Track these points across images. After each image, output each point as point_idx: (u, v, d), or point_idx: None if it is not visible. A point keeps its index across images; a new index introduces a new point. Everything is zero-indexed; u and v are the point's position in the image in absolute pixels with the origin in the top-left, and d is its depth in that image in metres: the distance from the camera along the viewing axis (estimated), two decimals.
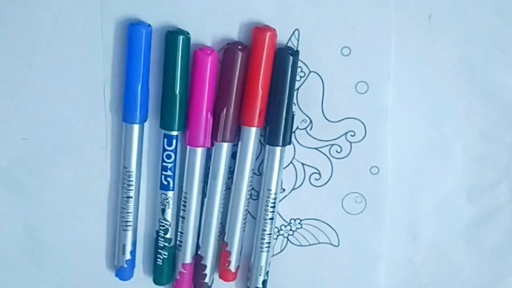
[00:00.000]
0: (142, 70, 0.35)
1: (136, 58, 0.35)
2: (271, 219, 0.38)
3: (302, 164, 0.39)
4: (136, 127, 0.36)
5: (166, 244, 0.38)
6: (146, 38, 0.35)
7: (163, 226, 0.38)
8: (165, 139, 0.36)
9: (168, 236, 0.38)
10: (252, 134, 0.36)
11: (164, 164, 0.37)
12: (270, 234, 0.39)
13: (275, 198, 0.38)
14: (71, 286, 0.40)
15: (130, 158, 0.36)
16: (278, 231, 0.40)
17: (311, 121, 0.38)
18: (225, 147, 0.36)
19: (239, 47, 0.35)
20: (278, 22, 0.36)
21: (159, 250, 0.38)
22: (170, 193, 0.37)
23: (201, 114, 0.35)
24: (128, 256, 0.38)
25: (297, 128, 0.38)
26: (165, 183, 0.37)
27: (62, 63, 0.36)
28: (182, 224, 0.38)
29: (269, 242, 0.39)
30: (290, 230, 0.40)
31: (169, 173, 0.37)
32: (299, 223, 0.40)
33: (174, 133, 0.36)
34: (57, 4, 0.35)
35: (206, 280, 0.39)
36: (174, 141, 0.36)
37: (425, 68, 0.37)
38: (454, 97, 0.38)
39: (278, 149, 0.37)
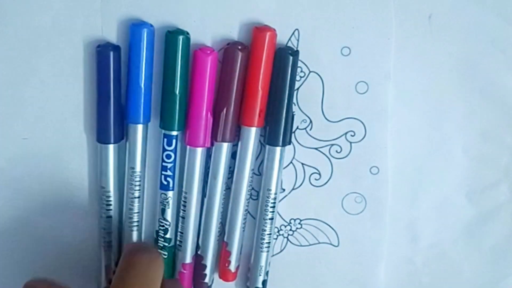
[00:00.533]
0: (145, 70, 0.35)
1: (139, 58, 0.35)
2: (271, 219, 0.38)
3: (302, 164, 0.39)
4: (140, 127, 0.36)
5: (166, 244, 0.38)
6: (149, 37, 0.35)
7: (163, 226, 0.38)
8: (165, 139, 0.36)
9: (168, 236, 0.38)
10: (252, 134, 0.36)
11: (164, 164, 0.37)
12: (270, 234, 0.39)
13: (275, 198, 0.38)
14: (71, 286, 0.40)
15: (135, 159, 0.36)
16: (278, 231, 0.40)
17: (311, 121, 0.38)
18: (225, 147, 0.36)
19: (239, 47, 0.35)
20: (278, 22, 0.36)
21: (159, 250, 0.38)
22: (170, 193, 0.37)
23: (201, 114, 0.35)
24: None
25: (297, 128, 0.38)
26: (165, 183, 0.37)
27: (62, 63, 0.36)
28: (182, 224, 0.38)
29: (269, 242, 0.39)
30: (290, 230, 0.40)
31: (169, 173, 0.37)
32: (299, 223, 0.40)
33: (174, 133, 0.36)
34: (57, 4, 0.35)
35: (206, 280, 0.39)
36: (174, 141, 0.36)
37: (425, 68, 0.37)
38: (454, 97, 0.38)
39: (278, 149, 0.37)
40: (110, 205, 0.37)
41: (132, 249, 0.34)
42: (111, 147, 0.36)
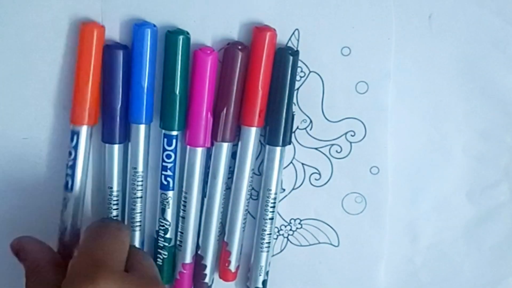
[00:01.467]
0: (148, 70, 0.35)
1: (142, 59, 0.35)
2: (271, 219, 0.38)
3: (302, 164, 0.39)
4: (142, 128, 0.36)
5: (166, 244, 0.38)
6: (152, 38, 0.34)
7: (163, 226, 0.38)
8: (165, 139, 0.36)
9: (168, 236, 0.38)
10: (252, 134, 0.36)
11: (164, 164, 0.36)
12: (270, 234, 0.39)
13: (275, 198, 0.38)
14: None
15: (137, 159, 0.36)
16: (278, 231, 0.40)
17: (311, 121, 0.38)
18: (225, 147, 0.36)
19: (239, 47, 0.35)
20: (278, 22, 0.36)
21: (159, 250, 0.38)
22: (170, 193, 0.37)
23: (201, 114, 0.35)
24: None
25: (297, 128, 0.38)
26: (165, 183, 0.37)
27: (62, 63, 0.36)
28: (182, 224, 0.38)
29: (269, 242, 0.39)
30: (290, 230, 0.40)
31: (169, 173, 0.37)
32: (299, 223, 0.40)
33: (174, 133, 0.36)
34: (57, 4, 0.35)
35: (206, 280, 0.39)
36: (174, 141, 0.36)
37: (425, 68, 0.37)
38: (454, 97, 0.38)
39: (278, 149, 0.37)
40: (117, 204, 0.37)
41: (98, 221, 0.35)
42: (116, 147, 0.36)
